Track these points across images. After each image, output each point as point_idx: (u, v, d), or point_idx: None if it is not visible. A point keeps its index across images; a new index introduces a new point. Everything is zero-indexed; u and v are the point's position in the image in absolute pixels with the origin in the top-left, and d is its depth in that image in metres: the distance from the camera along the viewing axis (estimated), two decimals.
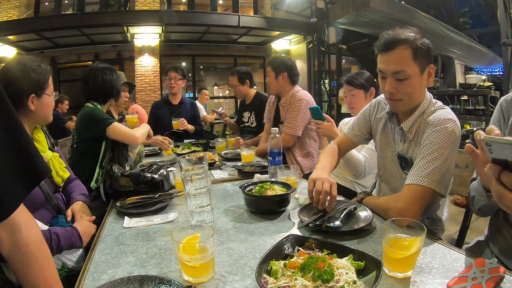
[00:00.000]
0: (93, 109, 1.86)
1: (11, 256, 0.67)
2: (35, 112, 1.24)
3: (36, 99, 1.23)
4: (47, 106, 1.28)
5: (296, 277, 0.65)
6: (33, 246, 0.68)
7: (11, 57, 7.70)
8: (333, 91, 8.12)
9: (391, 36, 1.12)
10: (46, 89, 1.26)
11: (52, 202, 1.22)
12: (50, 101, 1.29)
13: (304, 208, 1.13)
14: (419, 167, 1.08)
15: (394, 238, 0.74)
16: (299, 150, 2.41)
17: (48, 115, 1.30)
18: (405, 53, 1.09)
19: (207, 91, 5.93)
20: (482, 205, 0.97)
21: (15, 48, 7.74)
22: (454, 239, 1.43)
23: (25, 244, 0.67)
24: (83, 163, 1.80)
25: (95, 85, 1.93)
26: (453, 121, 1.11)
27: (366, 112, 1.43)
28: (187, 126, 2.91)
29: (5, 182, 0.62)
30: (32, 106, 1.22)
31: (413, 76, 1.11)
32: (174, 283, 0.71)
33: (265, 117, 2.67)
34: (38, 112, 1.24)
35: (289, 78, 2.41)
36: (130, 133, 1.84)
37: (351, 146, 1.51)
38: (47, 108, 1.28)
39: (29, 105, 1.21)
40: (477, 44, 8.98)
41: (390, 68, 1.12)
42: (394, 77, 1.13)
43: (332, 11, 7.22)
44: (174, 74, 3.00)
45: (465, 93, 5.31)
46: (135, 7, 8.00)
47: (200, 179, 1.06)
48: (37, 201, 1.16)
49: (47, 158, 1.26)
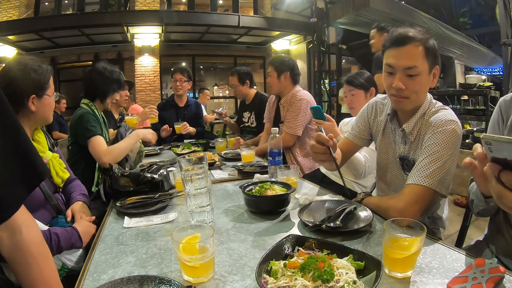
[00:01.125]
0: (85, 113, 1.80)
1: (11, 257, 0.68)
2: (36, 113, 1.23)
3: (36, 100, 1.22)
4: (48, 107, 1.27)
5: (296, 277, 0.65)
6: (33, 246, 0.68)
7: (11, 57, 7.72)
8: (333, 91, 8.12)
9: (404, 32, 1.11)
10: (47, 89, 1.25)
11: (52, 202, 1.22)
12: (50, 101, 1.28)
13: (304, 208, 1.13)
14: (421, 167, 1.08)
15: (394, 238, 0.74)
16: (299, 150, 2.41)
17: (48, 115, 1.29)
18: (417, 50, 1.09)
19: (208, 91, 5.94)
20: (481, 209, 0.98)
21: (15, 48, 7.74)
22: (454, 239, 1.42)
23: (26, 244, 0.68)
24: (82, 164, 1.79)
25: (96, 84, 1.91)
26: (455, 122, 1.11)
27: (364, 114, 1.42)
28: (189, 130, 2.91)
29: (5, 183, 0.61)
30: (32, 107, 1.21)
31: (423, 73, 1.11)
32: (174, 283, 0.71)
33: (265, 117, 2.67)
34: (39, 113, 1.24)
35: (291, 78, 2.41)
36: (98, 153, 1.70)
37: (353, 148, 1.48)
38: (48, 109, 1.28)
39: (29, 106, 1.20)
40: (477, 44, 8.99)
41: (401, 63, 1.10)
42: (404, 72, 1.11)
43: (332, 11, 7.23)
44: (180, 76, 2.99)
45: (465, 93, 5.31)
46: (135, 7, 8.01)
47: (200, 179, 1.06)
48: (37, 201, 1.16)
49: (47, 158, 1.26)
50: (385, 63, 1.17)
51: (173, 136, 2.95)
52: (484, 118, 4.62)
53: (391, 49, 1.14)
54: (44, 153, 1.26)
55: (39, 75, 1.23)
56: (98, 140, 1.73)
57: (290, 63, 2.44)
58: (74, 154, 1.84)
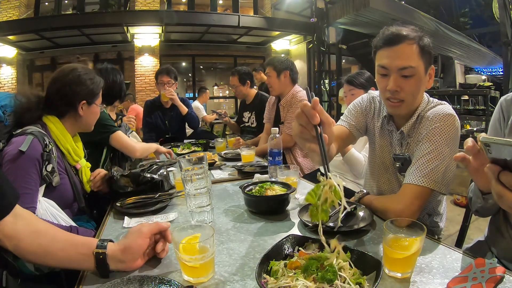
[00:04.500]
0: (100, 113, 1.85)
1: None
2: (83, 118, 1.33)
3: (86, 106, 1.33)
4: (94, 115, 1.39)
5: (298, 277, 0.65)
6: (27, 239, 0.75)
7: (11, 57, 7.73)
8: (333, 91, 8.11)
9: (396, 30, 1.05)
10: (96, 99, 1.38)
11: (80, 204, 1.28)
12: (97, 110, 1.40)
13: (304, 208, 1.13)
14: (418, 165, 1.05)
15: (394, 238, 0.74)
16: (299, 150, 2.42)
17: (92, 122, 1.41)
18: (411, 48, 1.03)
19: (208, 91, 5.95)
20: (479, 207, 0.97)
21: (15, 48, 7.75)
22: (454, 239, 1.42)
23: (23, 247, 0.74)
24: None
25: (105, 86, 1.92)
26: (453, 116, 1.07)
27: (362, 108, 1.31)
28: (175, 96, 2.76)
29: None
30: (81, 112, 1.32)
31: (418, 73, 1.05)
32: (174, 283, 0.71)
33: (265, 117, 2.67)
34: (85, 119, 1.35)
35: (291, 77, 2.42)
36: (130, 145, 1.87)
37: (349, 139, 1.32)
38: (93, 117, 1.39)
39: (79, 110, 1.31)
40: (477, 44, 8.98)
41: (396, 64, 1.04)
42: (399, 73, 1.05)
43: (332, 11, 7.22)
44: (168, 79, 2.82)
45: (465, 93, 5.32)
46: (135, 7, 8.00)
47: (200, 179, 1.06)
48: (66, 200, 1.22)
49: (81, 165, 1.34)
50: (377, 65, 1.11)
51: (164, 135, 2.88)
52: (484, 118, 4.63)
53: (383, 50, 1.08)
54: (80, 160, 1.34)
55: (93, 84, 1.35)
56: (121, 134, 1.84)
57: (289, 62, 2.45)
58: None
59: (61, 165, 1.22)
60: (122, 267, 0.78)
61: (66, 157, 1.28)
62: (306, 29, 8.12)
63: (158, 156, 2.15)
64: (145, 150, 1.98)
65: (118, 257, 0.77)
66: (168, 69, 2.88)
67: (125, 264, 0.78)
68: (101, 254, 0.76)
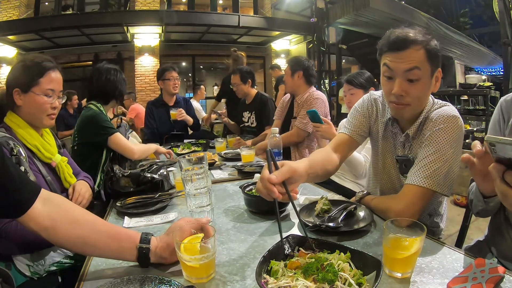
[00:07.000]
0: (97, 114, 1.84)
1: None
2: (22, 108, 1.22)
3: (21, 94, 1.22)
4: (33, 106, 1.23)
5: (298, 277, 0.65)
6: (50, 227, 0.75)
7: (11, 57, 7.73)
8: (333, 91, 8.10)
9: (403, 35, 1.01)
10: (33, 87, 1.22)
11: None
12: (37, 100, 1.23)
13: (304, 208, 1.13)
14: (420, 167, 1.04)
15: (394, 238, 0.74)
16: (308, 149, 2.44)
17: (35, 115, 1.24)
18: (419, 54, 1.01)
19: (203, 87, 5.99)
20: (480, 209, 0.97)
21: (15, 48, 7.74)
22: (454, 239, 1.42)
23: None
24: (86, 165, 1.79)
25: (98, 85, 1.92)
26: (457, 118, 1.06)
27: (364, 110, 1.29)
28: (185, 116, 2.86)
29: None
30: (18, 101, 1.21)
31: (425, 77, 1.03)
32: (174, 283, 0.71)
33: (276, 114, 2.69)
34: (25, 109, 1.23)
35: (305, 77, 2.46)
36: (129, 147, 1.85)
37: (353, 146, 1.30)
38: (33, 108, 1.23)
39: (15, 99, 1.21)
40: (477, 44, 8.98)
41: (402, 67, 1.01)
42: (405, 77, 1.02)
43: (332, 11, 7.21)
44: (176, 74, 2.94)
45: (465, 93, 5.32)
46: (135, 7, 8.00)
47: (200, 179, 1.06)
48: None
49: (56, 162, 1.29)
50: (383, 65, 1.08)
51: (170, 132, 2.92)
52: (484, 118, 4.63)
53: (388, 54, 1.05)
54: (53, 156, 1.28)
55: (29, 70, 1.22)
56: (120, 136, 1.82)
57: (305, 63, 2.48)
58: (79, 154, 1.85)
59: (32, 164, 1.18)
60: (162, 261, 0.82)
61: (37, 155, 1.23)
62: (306, 29, 8.12)
63: (158, 156, 2.15)
64: (144, 151, 1.97)
65: (160, 254, 0.81)
66: (173, 65, 3.00)
67: (165, 260, 0.82)
68: (144, 249, 0.79)
